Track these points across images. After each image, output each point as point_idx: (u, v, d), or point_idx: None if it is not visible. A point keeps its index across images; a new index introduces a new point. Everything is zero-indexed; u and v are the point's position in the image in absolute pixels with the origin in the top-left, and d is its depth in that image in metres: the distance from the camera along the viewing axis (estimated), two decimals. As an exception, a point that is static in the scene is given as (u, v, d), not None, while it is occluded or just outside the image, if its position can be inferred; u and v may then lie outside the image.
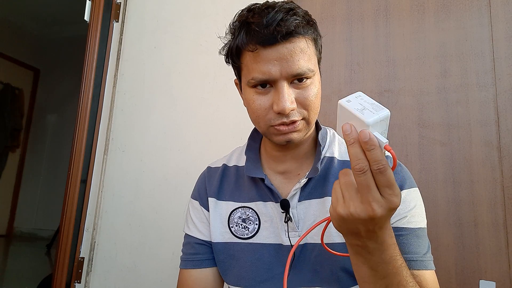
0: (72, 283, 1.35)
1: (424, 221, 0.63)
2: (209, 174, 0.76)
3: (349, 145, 0.43)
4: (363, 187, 0.42)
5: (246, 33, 0.57)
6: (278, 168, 0.68)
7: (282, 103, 0.55)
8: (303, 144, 0.66)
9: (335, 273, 0.60)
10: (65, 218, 1.39)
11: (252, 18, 0.57)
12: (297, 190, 0.64)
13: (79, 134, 1.45)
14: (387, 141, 0.42)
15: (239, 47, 0.59)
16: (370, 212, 0.42)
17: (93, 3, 1.53)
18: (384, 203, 0.42)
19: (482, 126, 1.10)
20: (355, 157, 0.42)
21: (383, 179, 0.41)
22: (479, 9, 1.16)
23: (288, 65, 0.56)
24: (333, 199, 0.46)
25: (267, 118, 0.59)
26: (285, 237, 0.64)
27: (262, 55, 0.56)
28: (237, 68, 0.64)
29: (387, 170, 0.41)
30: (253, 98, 0.60)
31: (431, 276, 0.59)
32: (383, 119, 0.43)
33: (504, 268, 1.01)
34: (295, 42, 0.56)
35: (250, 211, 0.68)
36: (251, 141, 0.74)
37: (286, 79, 0.56)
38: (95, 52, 1.49)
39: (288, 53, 0.55)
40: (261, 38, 0.55)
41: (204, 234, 0.71)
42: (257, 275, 0.64)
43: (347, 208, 0.44)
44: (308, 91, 0.58)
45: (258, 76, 0.57)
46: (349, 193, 0.44)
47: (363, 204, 0.42)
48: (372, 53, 1.24)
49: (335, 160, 0.66)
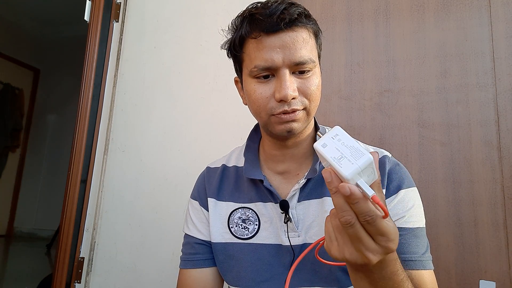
0: (72, 283, 1.35)
1: (422, 221, 0.63)
2: (209, 174, 0.76)
3: (332, 194, 0.40)
4: (354, 239, 0.40)
5: (250, 23, 0.59)
6: (277, 169, 0.68)
7: (284, 90, 0.56)
8: (301, 144, 0.66)
9: (333, 273, 0.60)
10: (65, 218, 1.39)
11: (255, 10, 0.59)
12: (296, 191, 0.64)
13: (79, 134, 1.45)
14: (373, 193, 0.38)
15: (242, 36, 0.60)
16: (365, 260, 0.40)
17: (93, 3, 1.53)
18: (379, 250, 0.40)
19: (482, 126, 1.10)
20: (340, 209, 0.40)
21: (373, 229, 0.39)
22: (479, 9, 1.16)
23: (290, 53, 0.57)
24: (326, 237, 0.44)
25: (268, 107, 0.59)
26: (284, 238, 0.64)
27: (265, 43, 0.57)
28: (238, 61, 0.65)
29: (375, 221, 0.38)
30: (254, 88, 0.60)
31: (430, 276, 0.59)
32: (364, 167, 0.39)
33: (504, 268, 1.01)
34: (297, 31, 0.57)
35: (250, 211, 0.68)
36: (250, 142, 0.74)
37: (288, 67, 0.57)
38: (95, 52, 1.49)
39: (291, 41, 0.57)
40: (265, 26, 0.56)
41: (203, 234, 0.71)
42: (256, 275, 0.64)
43: (341, 253, 0.42)
44: (310, 81, 0.59)
45: (260, 64, 0.58)
46: (342, 238, 0.42)
47: (357, 252, 0.41)
48: (372, 53, 1.24)
49: None
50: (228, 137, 1.31)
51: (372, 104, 1.19)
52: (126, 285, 1.32)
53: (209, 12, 1.42)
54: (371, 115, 1.19)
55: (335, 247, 0.43)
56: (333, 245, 0.43)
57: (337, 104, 1.24)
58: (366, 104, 1.20)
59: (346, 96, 1.23)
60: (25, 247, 3.46)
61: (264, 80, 0.59)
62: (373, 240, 0.40)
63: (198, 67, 1.41)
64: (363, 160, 0.39)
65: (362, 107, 1.20)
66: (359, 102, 1.21)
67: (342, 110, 1.22)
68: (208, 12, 1.43)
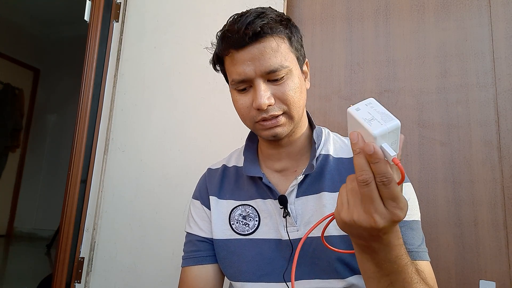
0: (72, 283, 1.35)
1: (417, 215, 0.65)
2: (210, 175, 0.79)
3: (355, 155, 0.43)
4: (366, 198, 0.42)
5: (222, 41, 0.64)
6: (275, 166, 0.71)
7: (258, 99, 0.60)
8: (296, 142, 0.69)
9: (331, 265, 0.62)
10: (65, 218, 1.39)
11: (227, 27, 0.63)
12: (294, 187, 0.67)
13: (79, 134, 1.45)
14: (395, 154, 0.40)
15: (218, 54, 0.66)
16: (372, 223, 0.42)
17: (93, 3, 1.53)
18: (387, 215, 0.42)
19: (482, 126, 1.10)
20: (360, 168, 0.42)
21: (387, 191, 0.41)
22: (479, 9, 1.16)
23: (260, 63, 0.60)
24: (338, 202, 0.47)
25: (250, 115, 0.64)
26: (284, 232, 0.66)
27: (236, 58, 0.62)
28: (224, 74, 0.70)
29: (391, 183, 0.41)
30: (236, 99, 0.66)
31: (427, 266, 0.61)
32: (391, 130, 0.41)
33: (504, 268, 1.01)
34: (264, 42, 0.60)
35: (250, 208, 0.71)
36: (249, 142, 0.77)
37: (261, 77, 0.61)
38: (95, 52, 1.49)
39: (259, 53, 0.60)
40: (233, 42, 0.61)
41: (205, 232, 0.74)
42: (258, 269, 0.66)
43: (350, 215, 0.44)
44: (285, 87, 0.62)
45: (236, 78, 0.63)
46: (354, 200, 0.44)
47: (366, 214, 0.43)
48: (372, 53, 1.24)
49: (330, 157, 0.69)
50: (228, 137, 1.31)
51: (372, 104, 1.19)
52: (126, 285, 1.32)
53: (209, 12, 1.42)
54: (371, 115, 1.19)
55: (345, 209, 0.45)
56: (343, 208, 0.45)
57: (337, 104, 1.24)
58: (366, 104, 1.20)
59: (346, 96, 1.23)
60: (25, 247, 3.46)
61: (243, 91, 0.64)
62: (383, 204, 0.42)
63: (198, 67, 1.41)
64: (392, 123, 0.42)
65: (362, 107, 1.20)
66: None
67: (342, 110, 1.22)
68: (208, 12, 1.43)
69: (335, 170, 0.68)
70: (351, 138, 0.43)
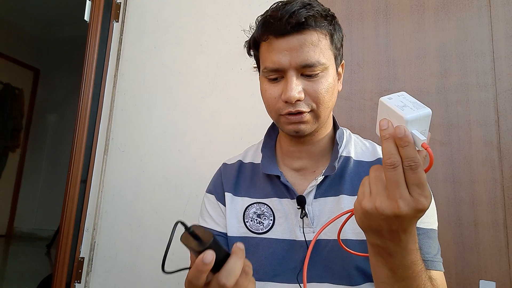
0: (72, 283, 1.35)
1: (435, 224, 0.63)
2: (225, 170, 0.77)
3: (384, 140, 0.42)
4: (392, 183, 0.41)
5: (262, 26, 0.61)
6: (293, 165, 0.70)
7: (288, 91, 0.58)
8: (318, 142, 0.68)
9: (346, 270, 0.61)
10: (65, 218, 1.39)
11: (270, 12, 0.61)
12: (313, 187, 0.65)
13: (79, 134, 1.45)
14: (425, 139, 0.40)
15: (256, 39, 0.64)
16: (395, 209, 0.40)
17: (93, 3, 1.53)
18: (411, 201, 0.40)
19: (482, 126, 1.10)
20: (388, 152, 0.41)
21: (413, 176, 0.40)
22: (479, 9, 1.15)
23: (297, 55, 0.58)
24: (360, 193, 0.46)
25: (276, 107, 0.62)
26: (299, 233, 0.64)
27: (274, 45, 0.59)
28: (256, 60, 0.68)
29: (418, 168, 0.40)
30: (265, 88, 0.63)
31: (441, 276, 0.60)
32: (423, 117, 0.41)
33: (504, 268, 1.01)
34: (306, 34, 0.58)
35: (265, 207, 0.69)
36: (267, 138, 0.75)
37: (295, 69, 0.59)
38: (95, 52, 1.49)
39: (298, 44, 0.58)
40: (274, 29, 0.59)
41: (220, 226, 0.72)
42: (270, 269, 0.65)
43: (372, 202, 0.43)
44: (318, 84, 0.60)
45: (269, 65, 0.60)
46: (377, 188, 0.43)
47: (389, 200, 0.41)
48: (372, 53, 1.24)
49: (351, 159, 0.68)
50: (228, 137, 1.31)
51: (372, 104, 1.19)
52: (126, 285, 1.32)
53: (209, 12, 1.42)
54: (371, 115, 1.19)
55: (367, 198, 0.44)
56: (365, 196, 0.44)
57: (337, 104, 1.23)
58: (366, 104, 1.20)
59: (346, 96, 1.23)
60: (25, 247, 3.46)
61: (274, 81, 0.62)
62: (408, 190, 0.41)
63: (198, 67, 1.41)
64: (424, 111, 0.42)
65: (362, 107, 1.20)
66: (359, 102, 1.21)
67: (342, 110, 1.22)
68: (208, 12, 1.43)
69: (355, 173, 0.66)
70: (380, 125, 0.43)
